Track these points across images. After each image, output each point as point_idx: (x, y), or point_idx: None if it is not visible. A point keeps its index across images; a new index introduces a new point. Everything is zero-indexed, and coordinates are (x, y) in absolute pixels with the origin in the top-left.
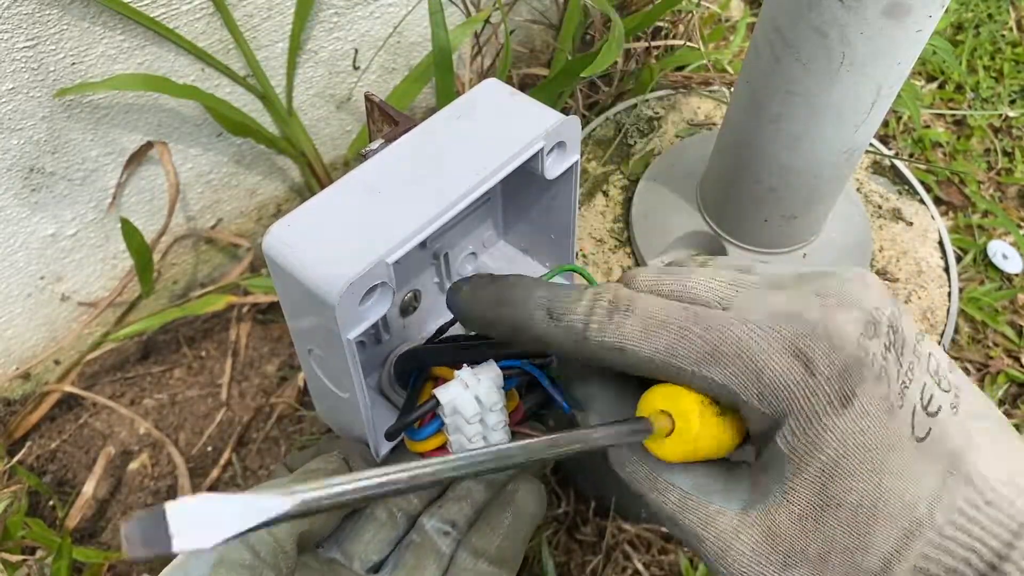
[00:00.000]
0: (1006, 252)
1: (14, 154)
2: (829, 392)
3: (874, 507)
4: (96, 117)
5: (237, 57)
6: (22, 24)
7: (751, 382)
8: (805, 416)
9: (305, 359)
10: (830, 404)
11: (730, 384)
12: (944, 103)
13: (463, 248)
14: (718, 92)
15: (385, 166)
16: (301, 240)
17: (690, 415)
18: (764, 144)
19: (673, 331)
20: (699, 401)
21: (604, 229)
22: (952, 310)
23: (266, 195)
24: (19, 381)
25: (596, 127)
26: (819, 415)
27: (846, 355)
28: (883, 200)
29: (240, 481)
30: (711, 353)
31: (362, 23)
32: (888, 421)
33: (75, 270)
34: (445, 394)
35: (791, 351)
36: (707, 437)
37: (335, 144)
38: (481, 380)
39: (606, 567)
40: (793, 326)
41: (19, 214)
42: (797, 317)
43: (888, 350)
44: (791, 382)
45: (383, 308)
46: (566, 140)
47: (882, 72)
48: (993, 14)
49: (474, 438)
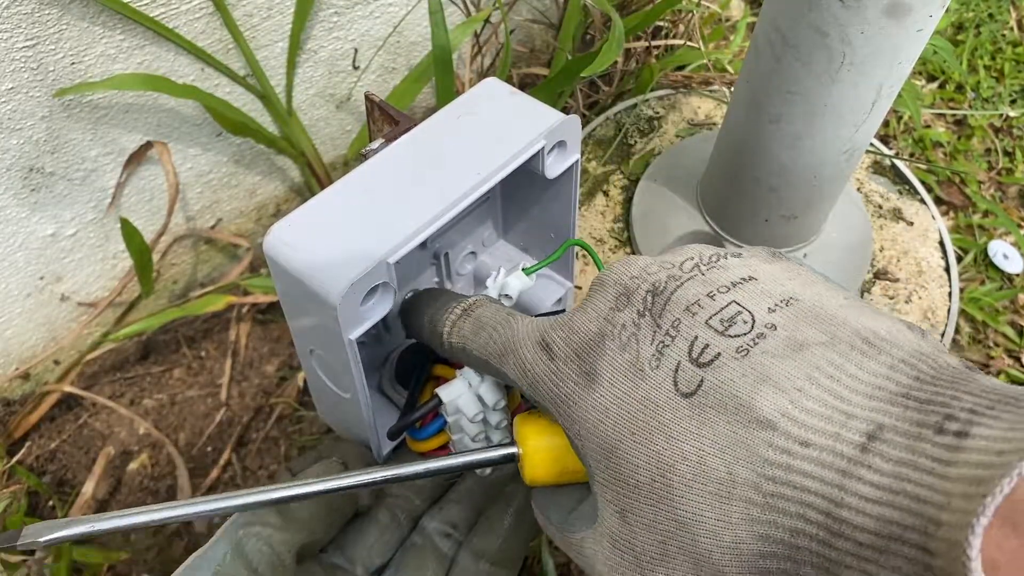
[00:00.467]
0: (1007, 252)
1: (13, 154)
2: (570, 372)
3: (664, 478)
4: (95, 117)
5: (237, 57)
6: (21, 24)
7: (522, 376)
8: (562, 402)
9: (306, 359)
10: (577, 384)
11: (515, 379)
12: (945, 103)
13: (463, 248)
14: (718, 92)
15: (385, 166)
16: (302, 240)
17: (527, 438)
18: (764, 144)
19: (488, 330)
20: (542, 423)
21: (604, 229)
22: (952, 310)
23: (266, 195)
24: (19, 381)
25: (596, 127)
26: (571, 397)
27: (583, 334)
28: (883, 200)
29: (240, 481)
30: (504, 350)
31: (362, 23)
32: (639, 385)
33: (75, 270)
34: (447, 393)
35: (538, 342)
36: (547, 459)
37: (335, 144)
38: (484, 379)
39: None
40: (548, 320)
41: (18, 214)
42: (556, 313)
43: (642, 315)
44: (540, 371)
45: (384, 308)
46: (566, 139)
47: (882, 72)
48: (994, 14)
49: (476, 437)
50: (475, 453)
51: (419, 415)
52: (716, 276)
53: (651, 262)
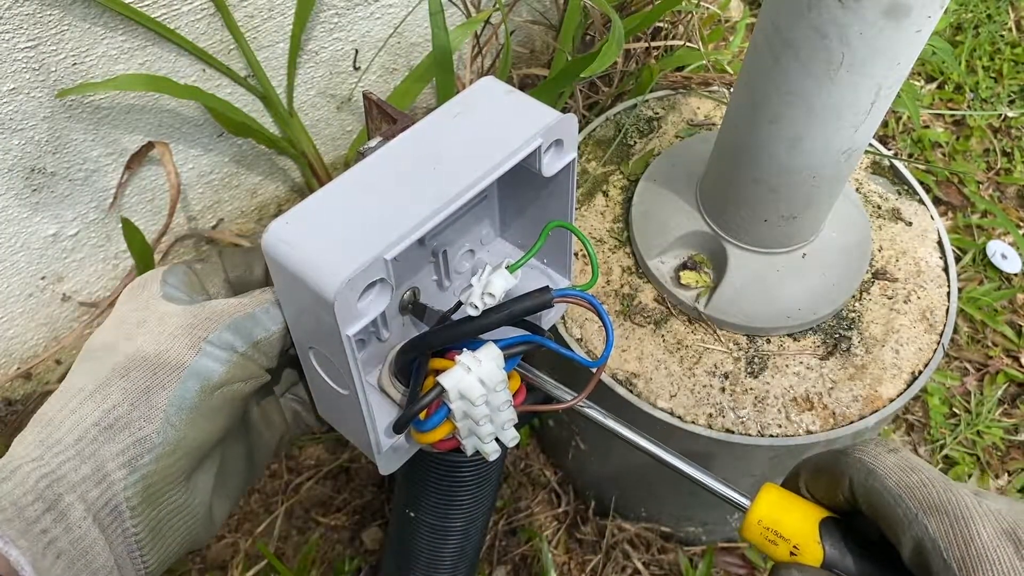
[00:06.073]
0: (1005, 252)
1: (15, 154)
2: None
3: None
4: (97, 117)
5: (238, 57)
6: (23, 25)
7: (951, 544)
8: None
9: (304, 356)
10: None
11: (925, 536)
12: (943, 103)
13: (461, 245)
14: (718, 92)
15: (383, 164)
16: (300, 237)
17: (764, 505)
18: (764, 144)
19: (923, 473)
20: (789, 503)
21: (604, 229)
22: (951, 310)
23: (267, 195)
24: (20, 381)
25: (596, 127)
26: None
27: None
28: (882, 200)
29: None
30: (939, 507)
31: (362, 24)
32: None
33: (76, 270)
34: (449, 379)
35: (1006, 530)
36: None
37: (336, 144)
38: (482, 361)
39: (606, 566)
40: (1013, 516)
41: (20, 214)
42: (1014, 510)
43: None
44: (1000, 562)
45: (382, 304)
46: (563, 138)
47: (881, 72)
48: (992, 15)
49: (482, 420)
50: (718, 481)
51: (423, 404)
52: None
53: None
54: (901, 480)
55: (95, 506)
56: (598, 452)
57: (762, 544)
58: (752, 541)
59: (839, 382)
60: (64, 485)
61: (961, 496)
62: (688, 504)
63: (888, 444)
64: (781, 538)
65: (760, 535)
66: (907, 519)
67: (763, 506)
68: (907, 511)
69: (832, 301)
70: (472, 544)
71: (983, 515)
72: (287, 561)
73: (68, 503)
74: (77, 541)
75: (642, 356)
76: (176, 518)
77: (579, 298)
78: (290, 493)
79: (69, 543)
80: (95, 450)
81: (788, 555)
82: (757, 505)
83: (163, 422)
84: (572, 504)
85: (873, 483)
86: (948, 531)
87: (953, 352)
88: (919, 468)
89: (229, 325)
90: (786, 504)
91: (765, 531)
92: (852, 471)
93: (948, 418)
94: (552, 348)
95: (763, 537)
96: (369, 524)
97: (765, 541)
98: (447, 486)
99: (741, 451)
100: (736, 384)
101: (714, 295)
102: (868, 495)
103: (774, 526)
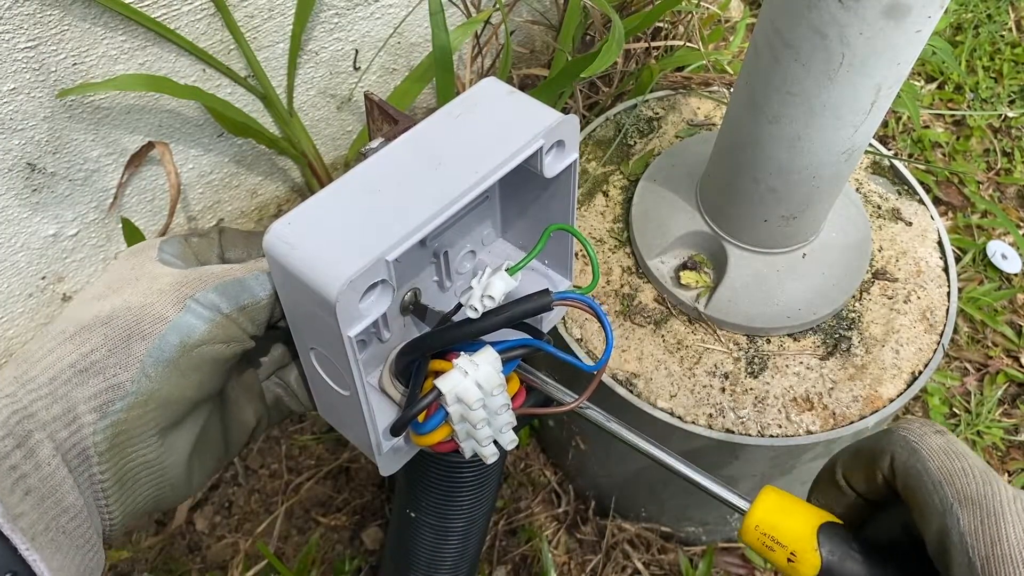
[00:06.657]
0: (1005, 252)
1: (16, 154)
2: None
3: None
4: (97, 117)
5: (238, 58)
6: (23, 25)
7: (979, 536)
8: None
9: (306, 357)
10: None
11: (953, 527)
12: (943, 103)
13: (462, 246)
14: (718, 92)
15: (384, 164)
16: (301, 238)
17: (762, 506)
18: (764, 144)
19: (967, 460)
20: (788, 505)
21: (604, 229)
22: (951, 310)
23: (267, 195)
24: None
25: (596, 127)
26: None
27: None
28: (882, 200)
29: (242, 480)
30: (975, 500)
31: (363, 24)
32: None
33: (76, 270)
34: (446, 383)
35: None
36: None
37: (336, 144)
38: (480, 365)
39: (606, 566)
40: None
41: (20, 214)
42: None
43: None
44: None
45: (383, 306)
46: (565, 139)
47: (881, 72)
48: (992, 15)
49: (479, 423)
50: (718, 484)
51: (420, 408)
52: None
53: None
54: (944, 465)
55: (63, 447)
56: (598, 452)
57: (760, 549)
58: (750, 545)
59: (839, 382)
60: (34, 423)
61: (998, 491)
62: (688, 504)
63: (934, 425)
64: (778, 544)
65: (758, 540)
66: (942, 507)
67: (760, 511)
68: (944, 499)
69: (832, 301)
70: (472, 544)
71: (1016, 514)
72: (287, 561)
73: (37, 440)
74: (46, 479)
75: (642, 356)
76: (144, 472)
77: (579, 301)
78: (290, 493)
79: (39, 480)
80: (68, 391)
81: (785, 561)
82: (754, 509)
83: (139, 371)
84: (572, 504)
85: (915, 463)
86: (978, 527)
87: (953, 352)
88: (963, 455)
89: (217, 287)
90: (784, 509)
91: (762, 536)
92: (895, 447)
93: (948, 418)
94: (550, 352)
95: (760, 542)
96: (369, 524)
97: (763, 546)
98: (447, 487)
99: (741, 451)
100: (736, 384)
101: (714, 295)
102: (907, 476)
103: (771, 532)
